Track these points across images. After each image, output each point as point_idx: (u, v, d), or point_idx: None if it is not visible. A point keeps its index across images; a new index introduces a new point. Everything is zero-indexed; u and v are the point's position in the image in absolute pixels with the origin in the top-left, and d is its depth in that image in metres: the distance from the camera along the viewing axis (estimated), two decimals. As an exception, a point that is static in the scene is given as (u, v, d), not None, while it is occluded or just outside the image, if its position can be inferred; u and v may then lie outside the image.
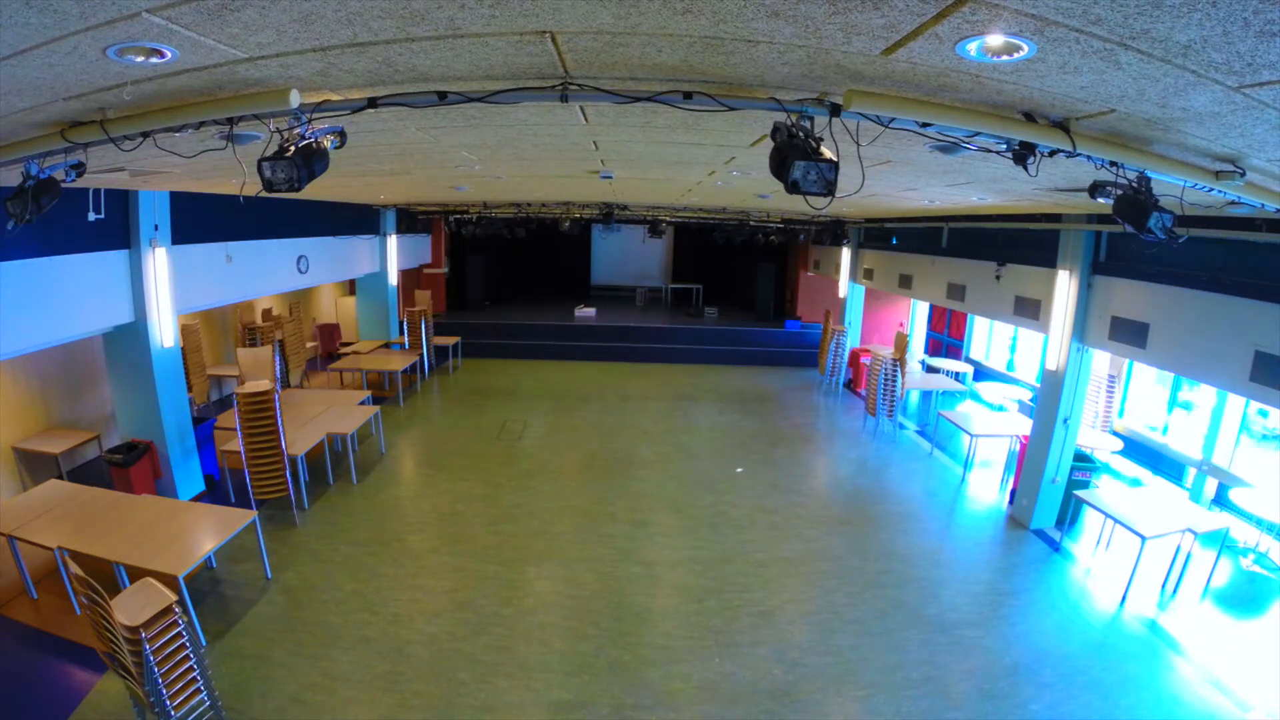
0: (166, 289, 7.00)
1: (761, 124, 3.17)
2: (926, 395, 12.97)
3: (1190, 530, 6.26)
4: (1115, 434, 9.76)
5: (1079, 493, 6.90)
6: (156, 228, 6.86)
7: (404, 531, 7.08)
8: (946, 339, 15.72)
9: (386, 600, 5.74)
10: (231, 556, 6.15)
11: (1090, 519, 7.69)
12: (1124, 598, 6.07)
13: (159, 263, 6.88)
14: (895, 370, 10.44)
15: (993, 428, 9.32)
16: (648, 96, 2.44)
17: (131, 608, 3.85)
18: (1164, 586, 6.26)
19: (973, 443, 9.27)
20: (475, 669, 4.91)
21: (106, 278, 6.48)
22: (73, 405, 8.25)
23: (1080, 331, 7.10)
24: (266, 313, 12.90)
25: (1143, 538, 5.95)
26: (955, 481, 9.00)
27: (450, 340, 14.53)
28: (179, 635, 3.88)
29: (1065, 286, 7.18)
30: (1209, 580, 6.37)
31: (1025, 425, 8.66)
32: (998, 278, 8.77)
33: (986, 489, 8.77)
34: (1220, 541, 6.59)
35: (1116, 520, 6.30)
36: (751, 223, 13.96)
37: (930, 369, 13.99)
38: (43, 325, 5.77)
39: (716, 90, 2.46)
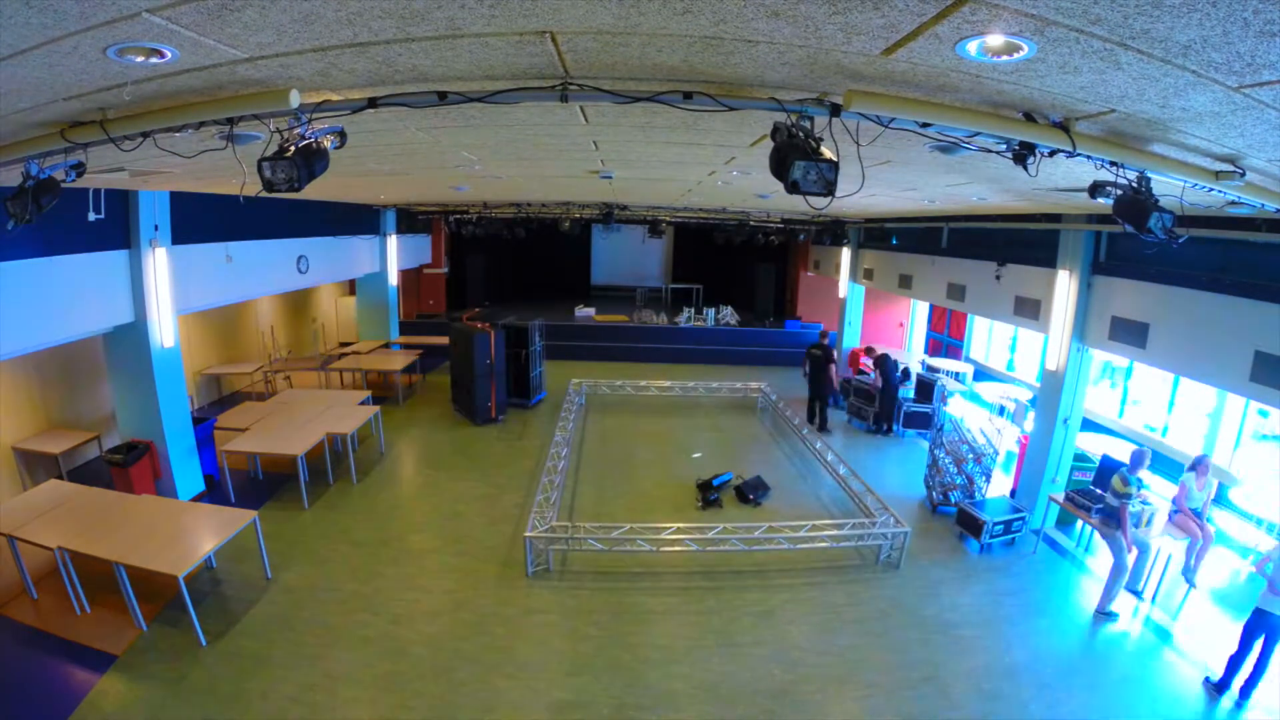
0: (166, 289, 7.00)
1: (761, 124, 3.17)
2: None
3: (1190, 530, 6.25)
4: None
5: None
6: (156, 228, 6.86)
7: (404, 531, 7.07)
8: (946, 339, 15.71)
9: (387, 600, 5.74)
10: (231, 556, 6.14)
11: (1090, 519, 7.68)
12: (1124, 597, 6.06)
13: (159, 263, 6.88)
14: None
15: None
16: (648, 96, 2.44)
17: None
18: (1164, 586, 6.25)
19: (973, 443, 9.23)
20: (475, 669, 4.91)
21: (106, 278, 6.48)
22: (73, 405, 8.25)
23: (1080, 331, 7.10)
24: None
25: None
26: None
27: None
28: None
29: (1065, 286, 7.18)
30: (1209, 580, 6.37)
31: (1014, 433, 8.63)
32: (998, 278, 8.76)
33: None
34: (1220, 541, 6.58)
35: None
36: (751, 223, 13.95)
37: (930, 369, 13.96)
38: (43, 325, 5.77)
39: (716, 90, 2.46)
